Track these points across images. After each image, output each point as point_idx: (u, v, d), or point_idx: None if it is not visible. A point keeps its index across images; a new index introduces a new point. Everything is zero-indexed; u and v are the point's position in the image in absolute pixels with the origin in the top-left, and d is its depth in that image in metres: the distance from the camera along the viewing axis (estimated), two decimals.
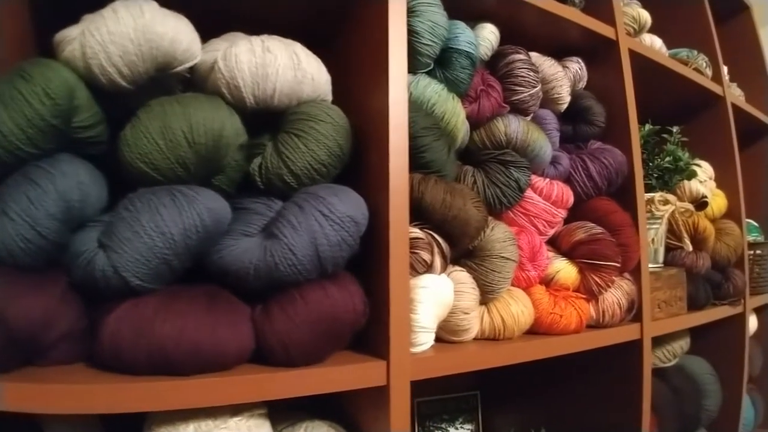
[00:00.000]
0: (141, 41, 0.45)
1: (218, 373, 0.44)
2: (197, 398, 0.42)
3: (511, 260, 0.61)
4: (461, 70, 0.64)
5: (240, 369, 0.46)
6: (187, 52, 0.49)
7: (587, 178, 0.74)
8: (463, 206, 0.57)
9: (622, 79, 0.81)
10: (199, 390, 0.42)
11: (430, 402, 1.00)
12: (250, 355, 0.47)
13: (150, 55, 0.46)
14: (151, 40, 0.45)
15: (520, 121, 0.68)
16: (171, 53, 0.47)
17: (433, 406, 1.01)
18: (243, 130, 0.53)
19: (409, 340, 0.52)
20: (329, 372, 0.48)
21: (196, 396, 0.42)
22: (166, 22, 0.46)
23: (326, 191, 0.51)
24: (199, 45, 0.51)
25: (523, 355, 0.62)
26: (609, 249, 0.68)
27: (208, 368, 0.44)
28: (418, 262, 0.56)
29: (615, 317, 0.71)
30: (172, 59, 0.48)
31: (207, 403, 0.43)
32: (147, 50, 0.45)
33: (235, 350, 0.46)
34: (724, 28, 1.36)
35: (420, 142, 0.58)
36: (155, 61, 0.47)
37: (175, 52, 0.48)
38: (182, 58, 0.49)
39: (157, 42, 0.45)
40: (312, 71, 0.54)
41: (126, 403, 0.40)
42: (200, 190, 0.48)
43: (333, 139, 0.53)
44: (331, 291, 0.49)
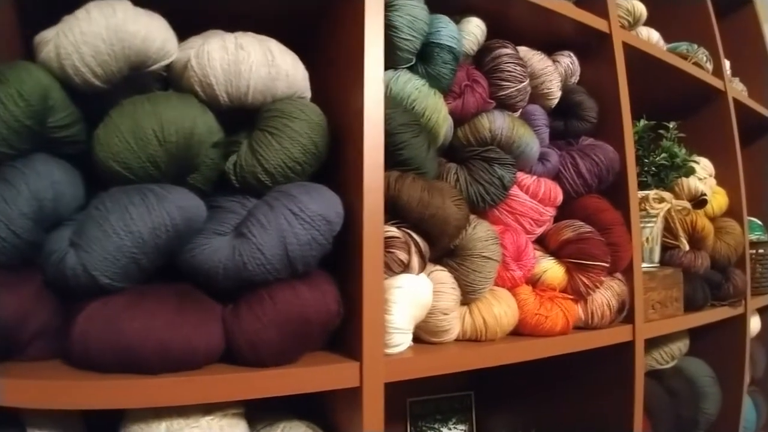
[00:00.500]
0: (113, 41, 0.45)
1: (187, 372, 0.44)
2: (164, 397, 0.42)
3: (493, 260, 0.60)
4: (443, 65, 0.63)
5: (210, 369, 0.46)
6: (162, 50, 0.49)
7: (576, 176, 0.72)
8: (441, 204, 0.55)
9: (615, 74, 0.78)
10: (165, 389, 0.42)
11: (422, 402, 0.99)
12: (221, 355, 0.47)
13: (123, 54, 0.46)
14: (123, 40, 0.45)
15: (506, 117, 0.67)
16: (144, 52, 0.47)
17: (425, 406, 1.00)
18: (217, 127, 0.53)
19: (383, 341, 0.51)
20: (300, 373, 0.47)
21: (162, 395, 0.42)
22: (139, 21, 0.46)
23: (299, 190, 0.50)
24: (175, 43, 0.51)
25: (504, 357, 0.60)
26: (597, 248, 0.66)
27: (176, 367, 0.44)
28: (394, 261, 0.54)
29: (604, 318, 0.69)
30: (145, 58, 0.48)
31: (174, 402, 0.43)
32: (119, 49, 0.45)
33: (203, 349, 0.45)
34: (727, 22, 1.33)
35: (398, 139, 0.57)
36: (128, 60, 0.47)
37: (149, 50, 0.48)
38: (156, 56, 0.49)
39: (129, 41, 0.45)
40: (287, 68, 0.53)
41: (93, 401, 0.41)
42: (172, 188, 0.48)
43: (308, 137, 0.53)
44: (301, 291, 0.48)
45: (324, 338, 0.53)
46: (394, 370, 0.52)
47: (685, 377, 0.99)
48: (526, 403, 0.92)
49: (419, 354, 0.55)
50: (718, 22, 1.18)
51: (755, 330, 1.22)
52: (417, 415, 0.98)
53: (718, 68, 1.06)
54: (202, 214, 0.50)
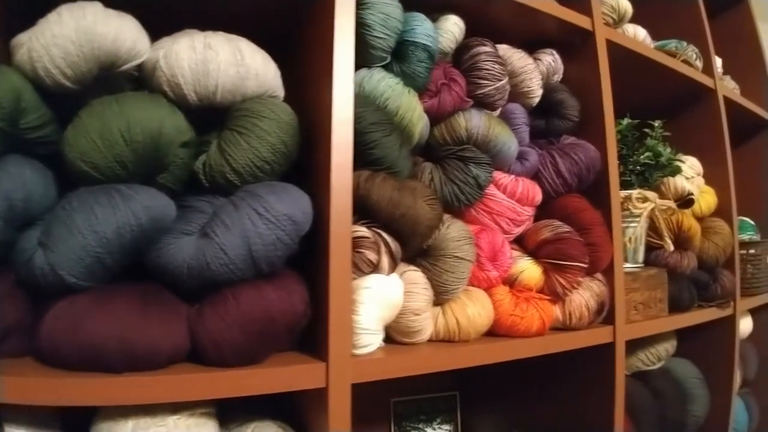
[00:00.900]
0: (82, 42, 0.45)
1: (151, 371, 0.44)
2: (126, 396, 0.42)
3: (466, 260, 0.59)
4: (418, 64, 0.62)
5: (175, 368, 0.46)
6: (132, 50, 0.49)
7: (556, 175, 0.71)
8: (412, 204, 0.55)
9: (598, 72, 0.78)
10: (127, 388, 0.42)
11: (406, 402, 0.99)
12: (191, 355, 0.47)
13: (92, 56, 0.46)
14: (92, 41, 0.46)
15: (483, 115, 0.66)
16: (114, 52, 0.48)
17: (409, 406, 0.99)
18: (186, 127, 0.53)
19: (350, 342, 0.51)
20: (265, 373, 0.47)
21: (124, 393, 0.42)
22: (109, 22, 0.47)
23: (265, 189, 0.50)
24: (146, 43, 0.51)
25: (478, 359, 0.60)
26: (575, 249, 0.65)
27: (140, 366, 0.44)
28: (363, 261, 0.54)
29: (582, 320, 0.69)
30: (115, 58, 0.48)
31: (135, 401, 0.43)
32: (89, 51, 0.46)
33: (167, 349, 0.45)
34: (720, 20, 1.31)
35: (369, 138, 0.56)
36: (98, 60, 0.47)
37: (118, 51, 0.48)
38: (126, 56, 0.49)
39: (98, 42, 0.46)
40: (256, 67, 0.53)
41: (59, 398, 0.41)
42: (139, 188, 0.49)
43: (276, 136, 0.53)
44: (266, 291, 0.48)
45: (291, 338, 0.53)
46: (361, 371, 0.51)
47: (672, 378, 0.98)
48: (511, 403, 0.92)
49: (389, 355, 0.55)
50: (712, 20, 1.17)
51: (746, 331, 1.20)
52: (401, 415, 0.97)
53: (709, 66, 1.05)
54: (170, 213, 0.51)
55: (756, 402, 1.23)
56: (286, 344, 0.53)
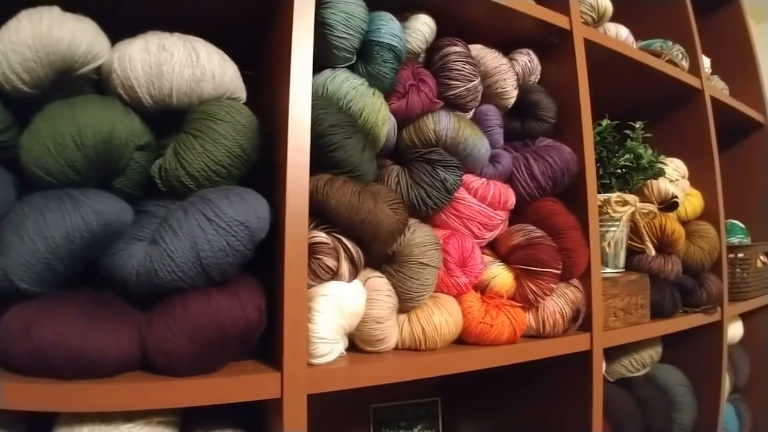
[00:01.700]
0: (38, 47, 0.45)
1: (101, 378, 0.43)
2: (74, 403, 0.42)
3: (431, 266, 0.57)
4: (383, 64, 0.60)
5: (126, 376, 0.45)
6: (88, 54, 0.48)
7: (530, 178, 0.69)
8: (372, 209, 0.53)
9: (575, 71, 0.76)
10: (75, 395, 0.42)
11: (386, 408, 0.97)
12: (143, 363, 0.46)
13: (48, 60, 0.46)
14: (48, 46, 0.45)
15: (452, 117, 0.64)
16: (70, 57, 0.47)
17: (389, 412, 0.98)
18: (142, 130, 0.52)
19: (306, 352, 0.49)
20: (217, 383, 0.46)
21: (73, 400, 0.42)
22: (64, 26, 0.46)
23: (217, 194, 0.49)
24: (104, 46, 0.50)
25: (443, 368, 0.58)
26: (547, 254, 0.63)
27: (88, 373, 0.43)
28: (321, 268, 0.52)
29: (557, 327, 0.67)
30: (71, 62, 0.48)
31: (84, 408, 0.42)
32: (45, 56, 0.45)
33: (114, 357, 0.44)
34: (711, 19, 1.29)
35: (329, 140, 0.54)
36: (54, 65, 0.47)
37: (74, 55, 0.47)
38: (82, 60, 0.49)
39: (54, 47, 0.46)
40: (213, 68, 0.52)
41: (10, 402, 0.41)
42: (92, 193, 0.48)
43: (232, 139, 0.52)
44: (216, 298, 0.47)
45: (247, 347, 0.52)
46: (318, 381, 0.50)
47: (657, 386, 0.95)
48: (494, 409, 0.90)
49: (350, 364, 0.53)
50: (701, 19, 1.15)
51: (737, 336, 1.18)
52: (381, 421, 0.96)
53: (695, 66, 1.02)
54: (124, 218, 0.50)
55: (747, 408, 1.21)
56: (242, 353, 0.52)
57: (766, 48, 1.57)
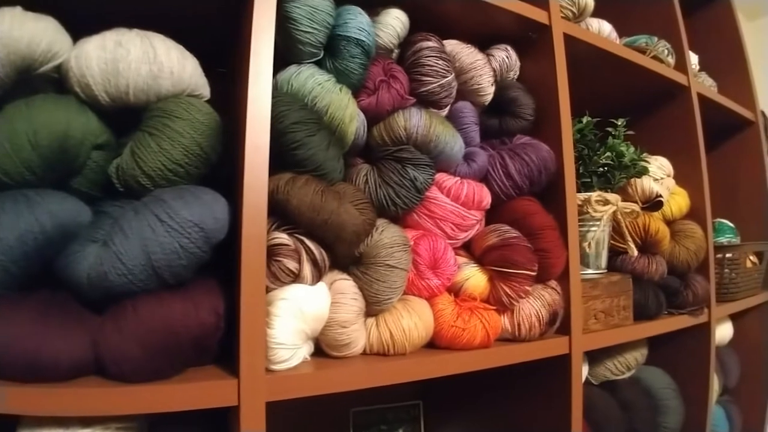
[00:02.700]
0: None
1: (54, 383, 0.43)
2: (27, 406, 0.41)
3: (399, 268, 0.55)
4: (351, 59, 0.58)
5: (80, 382, 0.44)
6: (48, 53, 0.47)
7: (506, 177, 0.68)
8: (336, 209, 0.51)
9: (554, 67, 0.74)
10: (28, 398, 0.41)
11: (366, 412, 0.95)
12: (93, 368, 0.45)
13: (8, 60, 0.46)
14: (7, 45, 0.45)
15: (423, 114, 0.62)
16: (29, 56, 0.46)
17: (369, 416, 0.96)
18: (100, 129, 0.51)
19: (264, 358, 0.47)
20: (173, 390, 0.44)
21: (25, 404, 0.41)
22: (24, 26, 0.46)
23: (172, 194, 0.48)
24: (65, 45, 0.49)
25: (412, 374, 0.56)
26: (521, 255, 0.61)
27: (40, 377, 0.42)
28: (282, 271, 0.50)
29: (533, 331, 0.65)
30: (31, 61, 0.47)
31: (36, 411, 0.42)
32: (5, 56, 0.45)
33: (68, 361, 0.43)
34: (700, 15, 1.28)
35: (291, 138, 0.53)
36: (14, 65, 0.46)
37: (34, 54, 0.46)
38: (42, 59, 0.47)
39: (13, 47, 0.45)
40: (171, 64, 0.51)
41: None
42: (48, 194, 0.47)
43: (190, 138, 0.50)
44: (169, 302, 0.46)
45: (207, 352, 0.50)
46: (277, 388, 0.48)
47: (643, 388, 0.94)
48: (476, 412, 0.88)
49: (312, 370, 0.51)
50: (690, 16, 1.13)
51: (726, 337, 1.16)
52: (361, 425, 0.94)
53: (682, 62, 1.00)
54: (80, 219, 0.48)
55: (738, 410, 1.19)
56: (200, 359, 0.50)
57: (759, 45, 1.56)
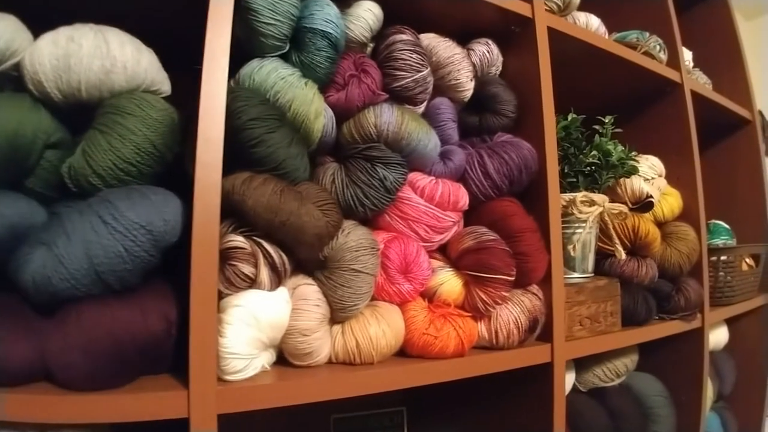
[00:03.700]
0: None
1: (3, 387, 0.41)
2: None
3: (365, 273, 0.52)
4: (317, 53, 0.55)
5: (29, 388, 0.42)
6: (6, 51, 0.46)
7: (484, 176, 0.64)
8: (295, 210, 0.48)
9: (537, 62, 0.71)
10: None
11: (348, 418, 0.92)
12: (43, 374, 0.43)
13: None
14: None
15: (395, 110, 0.59)
16: None
17: (352, 423, 0.93)
18: (53, 127, 0.50)
19: (215, 368, 0.44)
20: (121, 399, 0.42)
21: None
22: None
23: (119, 194, 0.45)
24: (24, 42, 0.48)
25: (379, 385, 0.53)
26: (498, 259, 0.58)
27: None
28: (237, 275, 0.47)
29: (511, 338, 0.61)
30: None
31: None
32: None
33: (16, 367, 0.42)
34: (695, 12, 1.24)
35: (249, 135, 0.50)
36: None
37: None
38: (1, 57, 0.46)
39: None
40: (125, 59, 0.49)
41: None
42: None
43: (142, 135, 0.48)
44: (114, 308, 0.44)
45: (160, 361, 0.47)
46: (230, 399, 0.45)
47: (633, 396, 0.90)
48: (461, 419, 0.85)
49: (269, 381, 0.48)
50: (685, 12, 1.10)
51: (722, 342, 1.13)
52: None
53: (675, 58, 0.97)
54: (33, 221, 0.47)
55: (733, 417, 1.15)
56: (153, 367, 0.47)
57: (757, 45, 1.53)
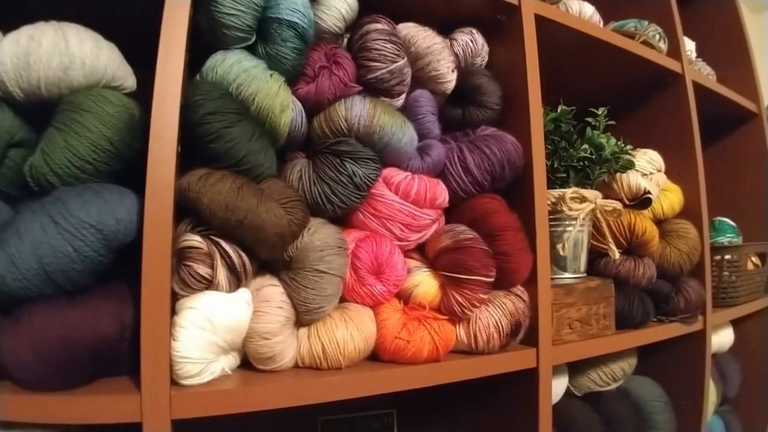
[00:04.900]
0: None
1: None
2: None
3: (330, 274, 0.50)
4: (282, 44, 0.53)
5: None
6: None
7: (464, 172, 0.61)
8: (254, 208, 0.46)
9: (523, 51, 0.67)
10: None
11: (336, 421, 0.90)
12: None
13: None
14: None
15: (367, 102, 0.56)
16: None
17: (340, 425, 0.91)
18: (16, 126, 0.48)
19: (168, 372, 0.42)
20: (76, 401, 0.41)
21: None
22: None
23: (71, 193, 0.45)
24: None
25: (347, 391, 0.50)
26: (475, 259, 0.55)
27: None
28: (192, 276, 0.45)
29: (491, 343, 0.58)
30: None
31: None
32: None
33: None
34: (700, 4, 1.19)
35: (206, 130, 0.47)
36: None
37: None
38: None
39: None
40: (83, 55, 0.49)
41: None
42: None
43: (98, 132, 0.47)
44: (66, 310, 0.44)
45: (117, 363, 0.46)
46: (185, 405, 0.44)
47: (631, 401, 0.86)
48: (451, 423, 0.82)
49: (229, 386, 0.46)
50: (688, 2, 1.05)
51: (726, 344, 1.08)
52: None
53: (676, 48, 0.92)
54: None
55: (738, 421, 1.10)
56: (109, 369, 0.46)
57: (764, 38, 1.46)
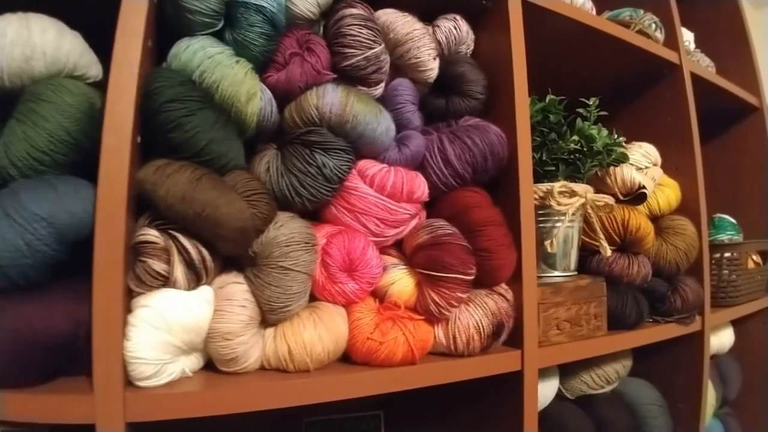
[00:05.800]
0: None
1: None
2: None
3: (296, 271, 0.47)
4: (249, 29, 0.50)
5: None
6: None
7: (444, 164, 0.58)
8: (212, 201, 0.43)
9: (509, 38, 0.64)
10: None
11: (322, 422, 0.88)
12: None
13: None
14: None
15: (339, 90, 0.53)
16: None
17: (325, 427, 0.88)
18: None
19: (121, 373, 0.40)
20: (31, 400, 0.40)
21: None
22: None
23: (25, 186, 0.44)
24: None
25: (315, 395, 0.47)
26: (453, 256, 0.52)
27: None
28: (147, 273, 0.43)
29: (471, 345, 0.55)
30: None
31: None
32: None
33: None
34: None
35: (165, 118, 0.45)
36: None
37: None
38: None
39: None
40: (45, 44, 0.47)
41: None
42: None
43: (56, 123, 0.46)
44: (18, 306, 0.42)
45: (74, 361, 0.44)
46: (141, 407, 0.42)
47: (625, 404, 0.83)
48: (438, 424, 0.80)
49: (189, 389, 0.44)
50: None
51: (727, 345, 1.04)
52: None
53: (673, 38, 0.89)
54: None
55: (738, 423, 1.07)
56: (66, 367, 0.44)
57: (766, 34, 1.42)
